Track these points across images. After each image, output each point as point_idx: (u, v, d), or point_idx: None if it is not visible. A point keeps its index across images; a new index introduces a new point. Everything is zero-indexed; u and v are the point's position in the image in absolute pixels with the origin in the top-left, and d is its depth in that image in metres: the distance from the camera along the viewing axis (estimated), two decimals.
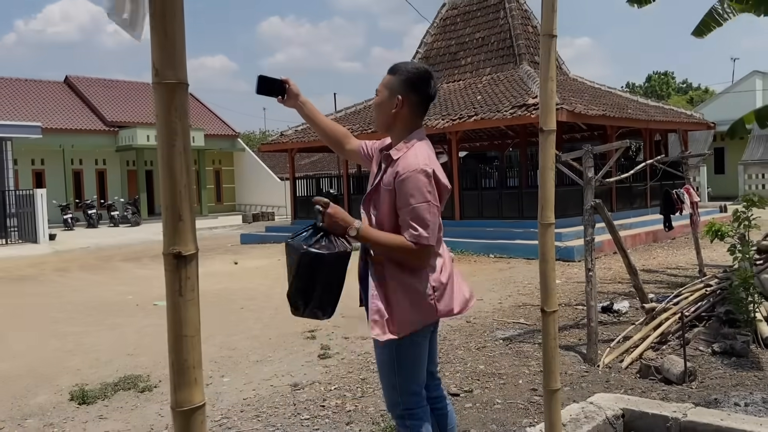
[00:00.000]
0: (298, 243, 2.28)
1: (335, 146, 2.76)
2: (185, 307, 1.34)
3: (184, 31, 1.32)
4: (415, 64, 2.50)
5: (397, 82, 2.41)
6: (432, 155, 2.41)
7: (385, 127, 2.49)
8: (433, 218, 2.30)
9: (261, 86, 2.50)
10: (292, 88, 2.55)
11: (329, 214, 2.27)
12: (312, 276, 2.26)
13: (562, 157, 5.86)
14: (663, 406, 3.22)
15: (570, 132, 19.81)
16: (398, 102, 2.40)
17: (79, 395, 4.60)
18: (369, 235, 2.32)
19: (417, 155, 2.34)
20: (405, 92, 2.40)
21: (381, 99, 2.46)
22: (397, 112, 2.41)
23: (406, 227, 2.28)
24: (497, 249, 12.37)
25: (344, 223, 2.28)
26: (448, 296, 2.42)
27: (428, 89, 2.43)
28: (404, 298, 2.34)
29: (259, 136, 55.99)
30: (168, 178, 1.31)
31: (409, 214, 2.28)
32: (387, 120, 2.45)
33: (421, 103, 2.45)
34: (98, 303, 8.86)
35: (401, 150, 2.38)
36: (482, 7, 17.99)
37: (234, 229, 22.84)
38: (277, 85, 2.54)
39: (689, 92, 49.77)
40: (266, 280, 10.41)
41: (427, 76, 2.43)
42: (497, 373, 4.77)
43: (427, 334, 2.48)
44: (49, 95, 30.37)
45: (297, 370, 5.12)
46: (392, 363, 2.42)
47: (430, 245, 2.30)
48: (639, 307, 6.04)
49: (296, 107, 2.60)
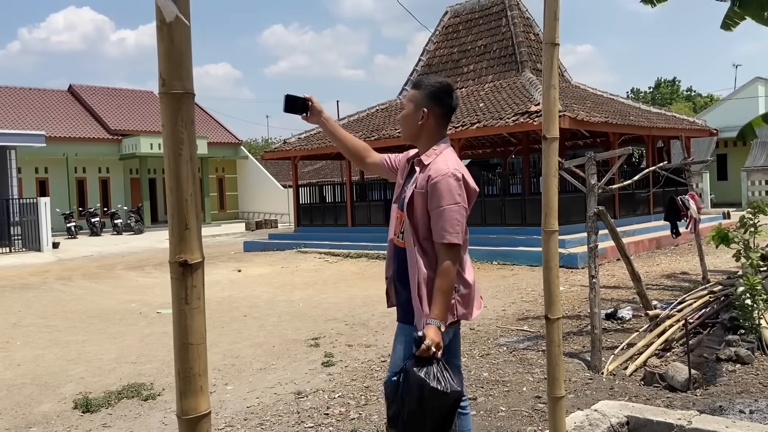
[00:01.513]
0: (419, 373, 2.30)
1: (357, 160, 2.88)
2: (191, 315, 1.35)
3: (190, 40, 1.33)
4: (437, 79, 2.67)
5: (422, 96, 2.59)
6: (458, 161, 2.58)
7: (412, 138, 2.66)
8: (462, 219, 2.48)
9: (288, 104, 2.61)
10: (315, 105, 2.68)
11: (428, 346, 2.32)
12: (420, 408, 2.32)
13: (565, 164, 5.87)
14: (667, 413, 3.21)
15: (572, 139, 19.83)
16: (424, 114, 2.58)
17: (82, 403, 4.60)
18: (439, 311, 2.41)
19: (447, 161, 2.52)
20: (430, 105, 2.58)
21: (407, 112, 2.63)
22: (423, 124, 2.60)
23: (439, 229, 2.44)
24: (500, 256, 12.37)
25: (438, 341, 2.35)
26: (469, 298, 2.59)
27: (451, 101, 2.63)
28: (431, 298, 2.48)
29: (262, 144, 56.12)
30: (175, 186, 1.32)
31: (441, 216, 2.44)
32: (413, 131, 2.63)
33: (444, 115, 2.64)
34: (101, 311, 8.87)
35: (431, 156, 2.56)
36: (484, 15, 18.05)
37: (237, 237, 22.86)
38: (301, 103, 2.65)
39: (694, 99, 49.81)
40: (269, 287, 10.42)
41: (450, 89, 2.62)
42: (501, 380, 4.76)
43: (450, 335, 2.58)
44: (52, 104, 30.49)
45: (300, 378, 5.12)
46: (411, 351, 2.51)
47: (458, 244, 2.46)
48: (643, 314, 6.03)
49: (319, 123, 2.73)
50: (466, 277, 2.58)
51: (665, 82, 54.29)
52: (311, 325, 7.21)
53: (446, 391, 2.29)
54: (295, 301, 8.93)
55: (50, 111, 29.62)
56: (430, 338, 2.33)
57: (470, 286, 2.58)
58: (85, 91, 32.07)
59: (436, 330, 2.37)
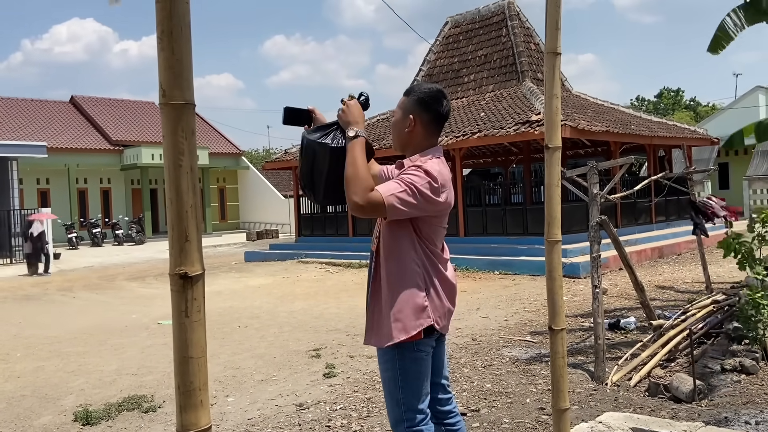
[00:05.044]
0: (307, 132, 2.48)
1: None
2: (191, 328, 1.33)
3: (191, 51, 1.32)
4: (428, 85, 2.60)
5: (410, 102, 2.52)
6: (445, 171, 2.44)
7: (401, 145, 2.59)
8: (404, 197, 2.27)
9: (287, 117, 2.56)
10: (318, 116, 2.62)
11: (345, 105, 2.40)
12: (310, 161, 2.45)
13: (567, 173, 5.85)
14: (673, 425, 3.18)
15: (573, 148, 19.83)
16: (410, 121, 2.50)
17: (82, 416, 4.57)
18: (354, 148, 2.34)
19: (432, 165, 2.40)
20: (417, 112, 2.49)
21: (395, 119, 2.56)
22: (410, 131, 2.51)
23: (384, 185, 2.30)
24: (502, 265, 12.34)
25: (348, 122, 2.39)
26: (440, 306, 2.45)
27: (440, 108, 2.51)
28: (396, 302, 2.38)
29: (264, 154, 56.20)
30: (175, 198, 1.31)
31: (394, 180, 2.33)
32: (403, 139, 2.55)
33: (432, 122, 2.52)
34: (102, 322, 8.84)
35: (416, 161, 2.44)
36: (485, 25, 18.11)
37: (238, 247, 22.84)
38: (304, 115, 2.59)
39: (695, 108, 49.90)
40: (270, 298, 10.38)
41: (439, 95, 2.52)
42: (504, 391, 4.73)
43: (429, 350, 2.47)
44: (54, 115, 30.60)
45: (302, 390, 5.08)
46: (396, 378, 2.44)
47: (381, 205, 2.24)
48: (647, 324, 5.99)
49: None
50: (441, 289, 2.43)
51: (668, 91, 54.44)
52: (312, 335, 7.18)
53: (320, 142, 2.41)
54: (296, 311, 8.89)
55: (52, 122, 29.72)
56: (349, 104, 2.40)
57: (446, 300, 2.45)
58: (87, 102, 32.19)
59: (355, 115, 2.39)
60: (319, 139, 2.41)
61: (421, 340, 2.40)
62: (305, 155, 2.46)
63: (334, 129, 2.42)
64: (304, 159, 2.47)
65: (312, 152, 2.43)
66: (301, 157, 2.49)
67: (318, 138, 2.42)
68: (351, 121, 2.37)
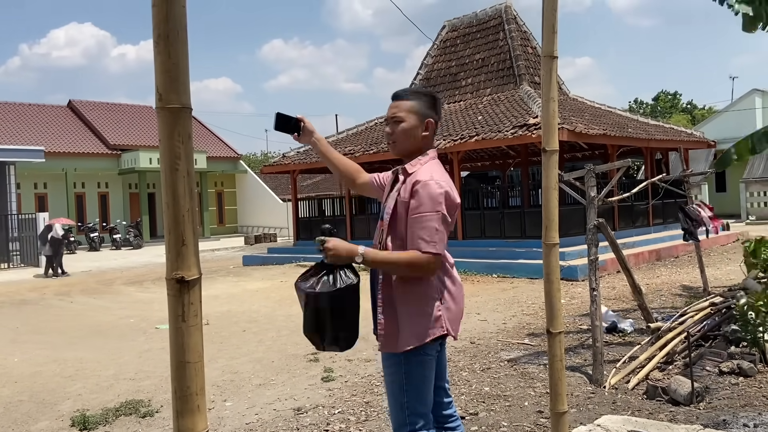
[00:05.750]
0: (303, 284, 2.33)
1: (347, 181, 2.84)
2: (188, 332, 1.33)
3: (187, 55, 1.32)
4: (423, 89, 2.63)
5: (423, 105, 2.48)
6: (443, 173, 2.45)
7: (411, 151, 2.50)
8: (441, 228, 2.32)
9: (278, 123, 2.60)
10: (307, 125, 2.66)
11: (329, 248, 2.29)
12: (318, 314, 2.30)
13: (564, 176, 5.86)
14: (671, 428, 3.18)
15: (571, 151, 19.87)
16: (429, 125, 2.49)
17: (80, 421, 4.55)
18: (376, 258, 2.33)
19: (432, 171, 2.40)
20: (431, 114, 2.50)
21: (410, 125, 2.47)
22: (427, 135, 2.49)
23: (416, 237, 2.30)
24: (500, 268, 12.33)
25: (348, 253, 2.29)
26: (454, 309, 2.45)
27: (441, 110, 2.61)
28: (411, 309, 2.37)
29: (261, 158, 56.21)
30: (171, 202, 1.31)
31: (420, 223, 2.30)
32: (416, 144, 2.49)
33: (437, 124, 2.58)
34: (100, 327, 8.82)
35: (416, 165, 2.44)
36: (482, 28, 18.15)
37: (236, 251, 22.82)
38: (293, 123, 2.64)
39: (691, 111, 49.92)
40: (268, 302, 10.37)
41: (438, 97, 2.59)
42: (503, 395, 4.72)
43: (434, 354, 2.46)
44: (52, 119, 30.57)
45: (300, 394, 5.07)
46: (401, 381, 2.41)
47: (438, 254, 2.31)
48: (645, 326, 5.99)
49: (311, 143, 2.70)
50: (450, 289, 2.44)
51: (665, 94, 54.50)
52: None
53: (314, 290, 2.29)
54: (295, 315, 8.88)
55: (49, 126, 29.69)
56: (332, 243, 2.28)
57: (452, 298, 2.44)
58: (85, 107, 32.17)
59: (345, 245, 2.30)
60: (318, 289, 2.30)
61: (428, 344, 2.39)
62: (310, 312, 2.33)
63: (323, 273, 2.31)
64: (305, 309, 2.35)
65: (313, 301, 2.31)
66: (305, 314, 2.36)
67: (318, 289, 2.30)
68: (346, 255, 2.29)
